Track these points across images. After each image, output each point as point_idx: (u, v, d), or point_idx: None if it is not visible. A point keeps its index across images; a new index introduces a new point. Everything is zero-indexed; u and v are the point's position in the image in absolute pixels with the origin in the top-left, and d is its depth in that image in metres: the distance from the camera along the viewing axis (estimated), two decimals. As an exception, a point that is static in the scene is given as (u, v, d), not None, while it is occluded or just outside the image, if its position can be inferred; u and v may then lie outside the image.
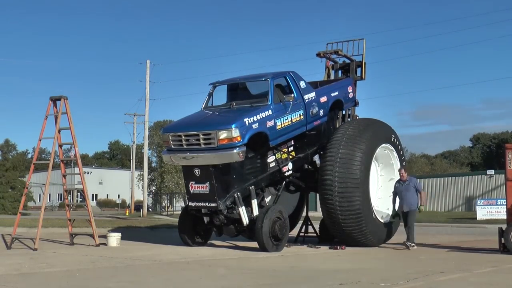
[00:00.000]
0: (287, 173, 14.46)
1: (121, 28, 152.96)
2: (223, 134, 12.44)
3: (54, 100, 14.11)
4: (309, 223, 16.55)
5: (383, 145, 15.36)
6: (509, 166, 13.47)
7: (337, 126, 16.17)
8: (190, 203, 13.32)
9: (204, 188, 12.88)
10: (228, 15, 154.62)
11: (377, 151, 15.02)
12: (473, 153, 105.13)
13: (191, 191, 13.14)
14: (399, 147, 16.07)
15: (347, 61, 17.47)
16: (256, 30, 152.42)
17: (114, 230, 17.80)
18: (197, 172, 12.91)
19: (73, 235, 14.28)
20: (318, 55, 17.23)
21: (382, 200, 15.66)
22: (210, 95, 14.63)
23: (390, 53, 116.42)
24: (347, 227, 13.96)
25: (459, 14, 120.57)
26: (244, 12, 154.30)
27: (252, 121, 12.81)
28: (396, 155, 15.89)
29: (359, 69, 17.39)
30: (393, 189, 14.59)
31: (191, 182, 13.11)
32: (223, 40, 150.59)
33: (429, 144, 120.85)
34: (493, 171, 49.72)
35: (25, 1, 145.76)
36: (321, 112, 15.09)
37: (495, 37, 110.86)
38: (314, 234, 16.44)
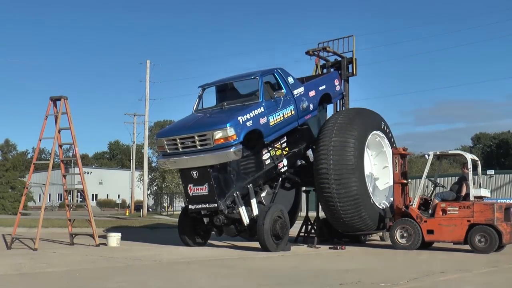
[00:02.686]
0: (282, 169, 14.52)
1: (121, 28, 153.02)
2: (218, 134, 12.45)
3: (54, 100, 14.11)
4: (309, 223, 16.54)
5: (374, 132, 15.49)
6: (396, 170, 14.42)
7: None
8: (190, 206, 13.29)
9: (203, 190, 12.86)
10: (228, 15, 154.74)
11: (368, 138, 15.14)
12: (474, 153, 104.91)
13: (190, 193, 13.12)
14: (390, 134, 16.20)
15: (339, 59, 17.59)
16: (256, 30, 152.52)
17: (114, 230, 17.80)
18: (195, 174, 12.90)
19: (73, 235, 14.28)
20: (307, 53, 17.48)
21: (378, 188, 15.76)
22: (200, 97, 14.71)
23: (412, 49, 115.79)
24: (346, 214, 13.98)
25: (485, 9, 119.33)
26: (243, 12, 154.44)
27: (245, 119, 12.86)
28: (388, 142, 16.02)
29: (350, 66, 17.50)
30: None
31: (189, 185, 13.09)
32: (223, 40, 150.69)
33: (444, 142, 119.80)
34: (493, 171, 49.65)
35: (25, 2, 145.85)
36: (311, 106, 15.21)
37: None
38: (315, 234, 16.42)
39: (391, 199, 15.11)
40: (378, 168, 16.02)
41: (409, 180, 15.28)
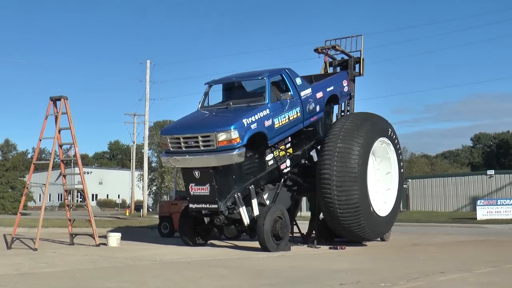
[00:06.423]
0: (285, 170, 14.46)
1: (121, 28, 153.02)
2: (222, 136, 12.37)
3: (54, 100, 14.12)
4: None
5: (380, 138, 15.39)
6: None
7: (333, 120, 16.19)
8: (191, 205, 13.28)
9: (204, 190, 12.84)
10: (228, 15, 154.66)
11: (374, 145, 15.03)
12: (474, 153, 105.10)
13: (192, 193, 13.10)
14: (396, 141, 16.12)
15: (346, 57, 17.51)
16: (256, 30, 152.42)
17: (114, 230, 17.80)
18: (197, 174, 12.88)
19: (73, 235, 14.29)
20: (316, 50, 17.35)
21: (379, 194, 15.69)
22: (206, 94, 14.58)
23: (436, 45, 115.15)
24: (345, 221, 13.95)
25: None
26: (244, 12, 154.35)
27: (250, 121, 12.76)
28: (393, 148, 15.95)
29: (357, 66, 17.45)
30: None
31: (191, 184, 13.07)
32: (223, 40, 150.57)
33: (462, 140, 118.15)
34: (493, 171, 49.68)
35: (26, 3, 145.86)
36: (318, 108, 15.07)
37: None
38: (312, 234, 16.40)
39: (391, 205, 15.02)
40: (381, 173, 15.91)
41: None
